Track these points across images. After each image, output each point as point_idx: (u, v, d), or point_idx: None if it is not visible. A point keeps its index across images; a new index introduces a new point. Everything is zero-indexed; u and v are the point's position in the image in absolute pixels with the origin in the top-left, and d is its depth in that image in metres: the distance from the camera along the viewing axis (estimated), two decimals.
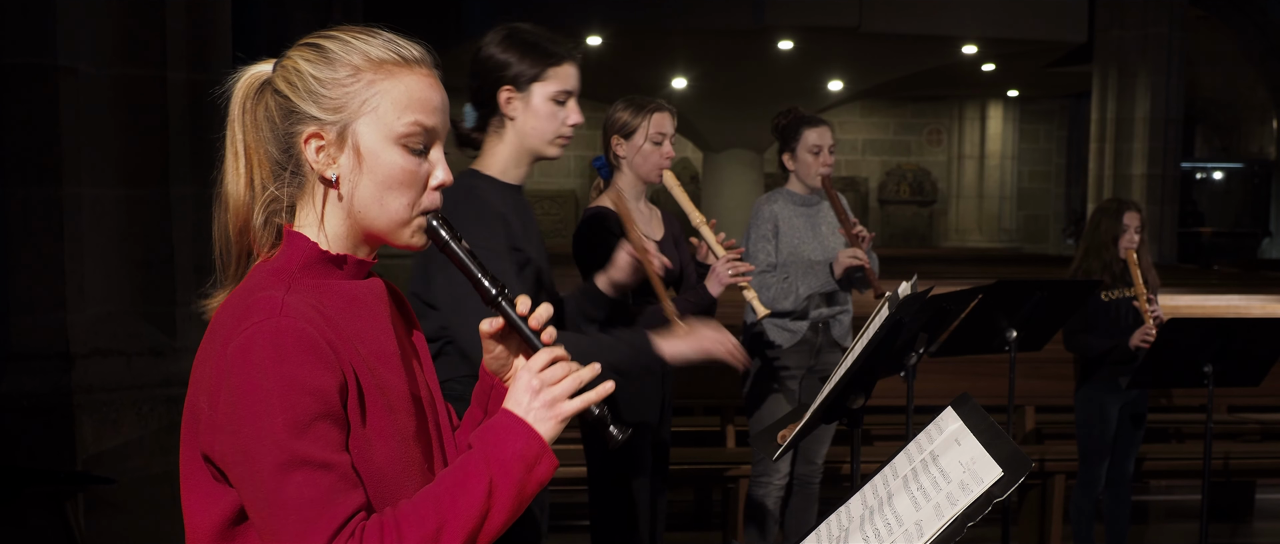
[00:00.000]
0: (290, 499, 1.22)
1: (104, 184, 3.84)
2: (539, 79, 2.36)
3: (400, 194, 1.36)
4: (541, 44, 2.37)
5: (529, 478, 1.32)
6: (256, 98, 1.37)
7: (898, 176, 19.43)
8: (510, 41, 2.37)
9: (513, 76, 2.35)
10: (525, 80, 2.35)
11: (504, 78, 2.36)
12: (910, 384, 3.19)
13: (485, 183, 2.38)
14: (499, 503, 1.30)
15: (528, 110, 2.37)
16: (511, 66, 2.35)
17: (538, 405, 1.35)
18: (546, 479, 1.35)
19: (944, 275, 8.86)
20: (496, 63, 2.36)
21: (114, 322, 3.88)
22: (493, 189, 2.38)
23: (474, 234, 2.21)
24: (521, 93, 2.36)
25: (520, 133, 2.38)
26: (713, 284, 3.19)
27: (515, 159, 2.41)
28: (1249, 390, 5.04)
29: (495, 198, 2.35)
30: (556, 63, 2.37)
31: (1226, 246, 16.37)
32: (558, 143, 2.41)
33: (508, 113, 2.38)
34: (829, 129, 3.88)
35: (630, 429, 1.42)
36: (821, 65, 12.14)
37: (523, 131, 2.38)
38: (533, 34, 2.39)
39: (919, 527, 1.35)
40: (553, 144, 2.40)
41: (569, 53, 2.40)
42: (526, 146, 2.40)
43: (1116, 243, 4.21)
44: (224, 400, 1.25)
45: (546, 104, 2.37)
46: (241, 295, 1.33)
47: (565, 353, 1.39)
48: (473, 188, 2.36)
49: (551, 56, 2.36)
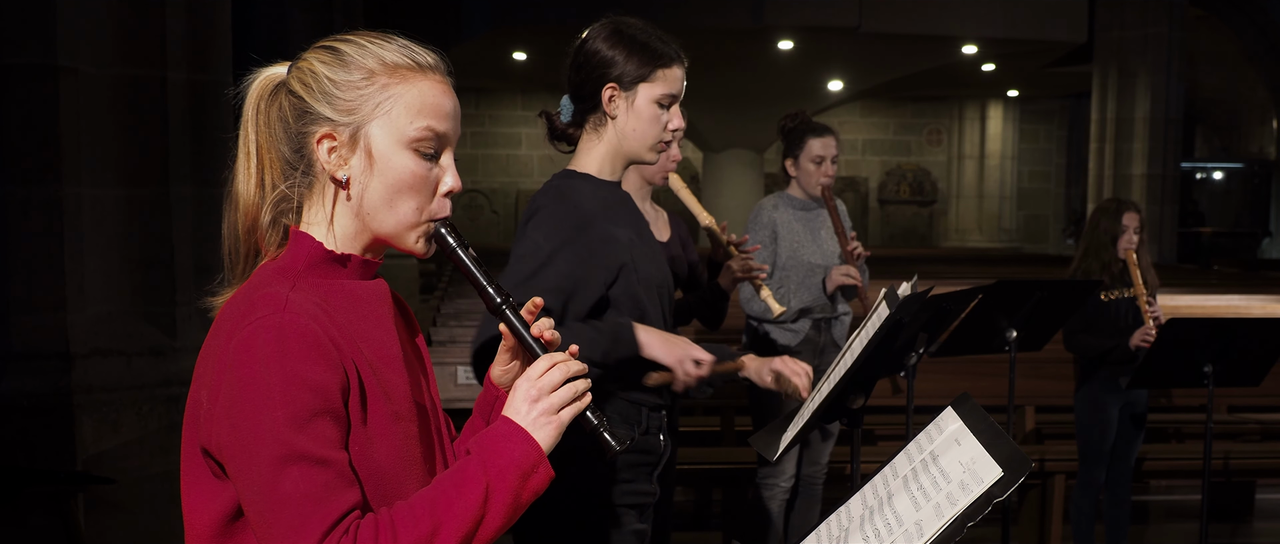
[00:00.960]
0: (286, 494, 1.23)
1: (104, 184, 3.84)
2: (646, 80, 2.25)
3: (409, 198, 1.37)
4: (651, 43, 2.26)
5: (525, 486, 1.33)
6: (270, 99, 1.39)
7: (898, 176, 19.44)
8: (618, 38, 2.26)
9: (618, 75, 2.24)
10: (631, 79, 2.24)
11: (609, 75, 2.24)
12: (910, 384, 3.19)
13: (581, 181, 2.28)
14: (494, 509, 1.30)
15: (631, 111, 2.26)
16: (618, 64, 2.24)
17: (536, 413, 1.36)
18: (542, 489, 1.35)
19: (944, 275, 8.86)
20: (603, 58, 2.25)
21: (114, 322, 3.88)
22: (587, 187, 2.27)
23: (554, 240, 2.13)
24: (626, 92, 2.25)
25: (620, 133, 2.27)
26: (726, 280, 3.19)
27: (611, 159, 2.31)
28: (1249, 390, 5.04)
29: (588, 197, 2.25)
30: (666, 64, 2.25)
31: (1226, 247, 16.37)
32: (657, 148, 2.30)
33: (610, 111, 2.26)
34: (834, 139, 3.86)
35: (629, 441, 1.42)
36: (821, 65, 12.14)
37: (623, 132, 2.27)
38: (643, 31, 2.27)
39: (919, 527, 1.35)
40: (653, 149, 2.29)
41: (677, 55, 2.28)
42: (624, 148, 2.29)
43: (1116, 243, 4.21)
44: (224, 393, 1.25)
45: (651, 106, 2.25)
46: (247, 292, 1.34)
47: (566, 361, 1.39)
48: (563, 189, 2.26)
49: (661, 57, 2.25)
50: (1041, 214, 19.65)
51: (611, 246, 2.23)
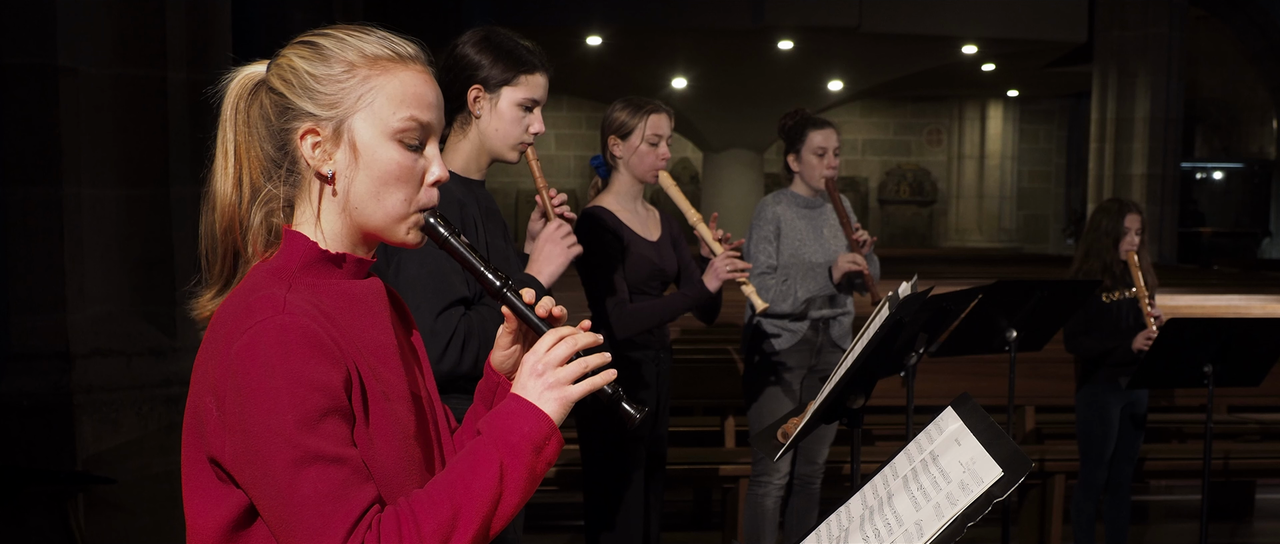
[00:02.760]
0: (306, 495, 1.22)
1: (104, 184, 3.84)
2: (510, 84, 2.43)
3: (397, 190, 1.36)
4: (516, 51, 2.44)
5: (538, 459, 1.34)
6: (250, 97, 1.38)
7: (898, 176, 19.44)
8: (486, 43, 2.44)
9: (484, 77, 2.42)
10: (495, 83, 2.42)
11: (475, 77, 2.42)
12: (910, 384, 3.19)
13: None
14: (511, 485, 1.31)
15: (494, 112, 2.44)
16: (484, 68, 2.42)
17: (542, 386, 1.36)
18: (554, 458, 1.36)
19: (944, 275, 8.86)
20: (470, 62, 2.43)
21: (114, 322, 3.88)
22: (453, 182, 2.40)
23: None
24: (490, 94, 2.43)
25: (483, 132, 2.45)
26: (711, 279, 3.20)
27: (475, 157, 2.48)
28: (1249, 390, 5.04)
29: (455, 188, 2.38)
30: (529, 71, 2.44)
31: (1226, 247, 16.36)
32: (518, 148, 2.48)
33: (474, 111, 2.44)
34: (835, 131, 3.88)
35: (645, 407, 1.43)
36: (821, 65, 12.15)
37: (486, 131, 2.45)
38: (510, 40, 2.46)
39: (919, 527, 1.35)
40: (513, 148, 2.47)
41: (542, 63, 2.48)
42: (487, 146, 2.47)
43: (1117, 244, 4.21)
44: (231, 401, 1.24)
45: (513, 109, 2.43)
46: (242, 296, 1.33)
47: (573, 335, 1.39)
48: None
49: (524, 63, 2.44)
50: (1041, 214, 19.65)
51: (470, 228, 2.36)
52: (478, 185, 2.49)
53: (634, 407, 1.41)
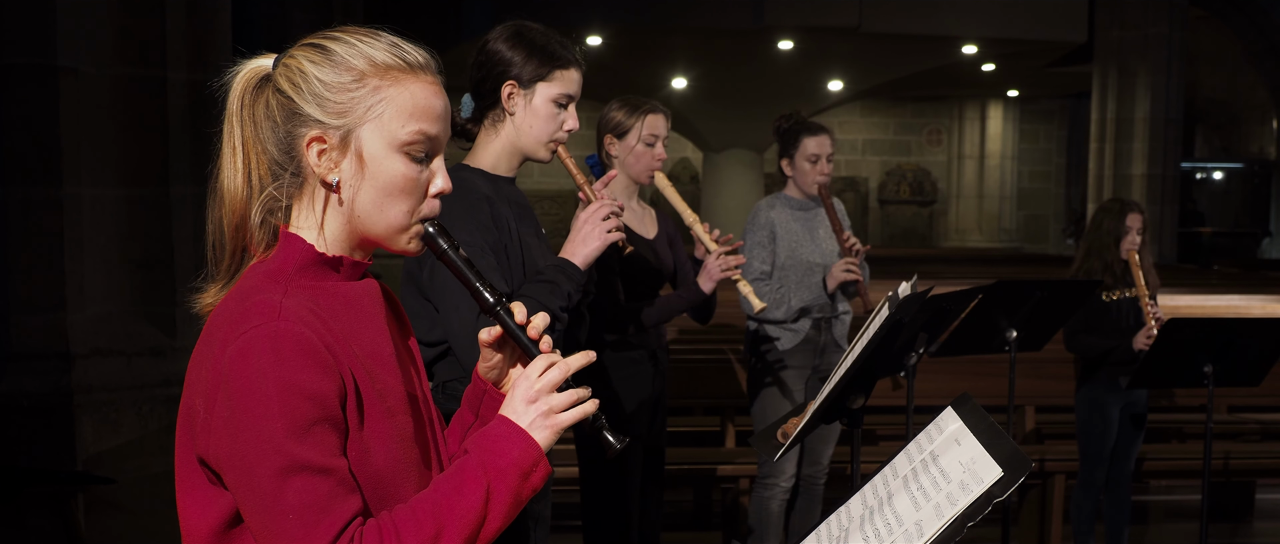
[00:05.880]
0: (289, 504, 1.22)
1: (104, 184, 3.84)
2: (544, 79, 2.35)
3: (401, 201, 1.35)
4: (550, 46, 2.37)
5: (524, 485, 1.34)
6: (255, 93, 1.36)
7: (898, 176, 19.43)
8: (519, 39, 2.36)
9: (517, 73, 2.34)
10: (530, 78, 2.35)
11: (508, 73, 2.35)
12: (910, 384, 3.19)
13: (472, 174, 2.36)
14: (495, 509, 1.31)
15: (528, 109, 2.36)
16: (517, 64, 2.34)
17: (535, 414, 1.36)
18: (540, 486, 1.36)
19: (944, 275, 8.86)
20: (503, 58, 2.35)
21: (114, 322, 3.88)
22: (479, 178, 2.36)
23: (461, 229, 2.21)
24: (525, 90, 2.35)
25: (517, 129, 2.38)
26: (705, 281, 3.19)
27: (506, 155, 2.41)
28: (1249, 390, 5.04)
29: (483, 184, 2.34)
30: (564, 66, 2.37)
31: (1226, 247, 16.36)
32: (551, 146, 2.41)
33: (508, 108, 2.37)
34: (829, 137, 3.87)
35: (627, 439, 1.43)
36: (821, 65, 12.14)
37: (520, 129, 2.37)
38: (542, 35, 2.39)
39: (919, 527, 1.35)
40: (546, 146, 2.40)
41: (576, 58, 2.40)
42: (519, 144, 2.39)
43: (1118, 244, 4.21)
44: (221, 405, 1.24)
45: (547, 105, 2.36)
46: (238, 298, 1.32)
47: (563, 361, 1.39)
48: (461, 181, 2.34)
49: (559, 59, 2.36)
50: (1041, 214, 19.65)
51: (500, 224, 2.31)
52: (507, 183, 2.42)
53: (615, 437, 1.42)
